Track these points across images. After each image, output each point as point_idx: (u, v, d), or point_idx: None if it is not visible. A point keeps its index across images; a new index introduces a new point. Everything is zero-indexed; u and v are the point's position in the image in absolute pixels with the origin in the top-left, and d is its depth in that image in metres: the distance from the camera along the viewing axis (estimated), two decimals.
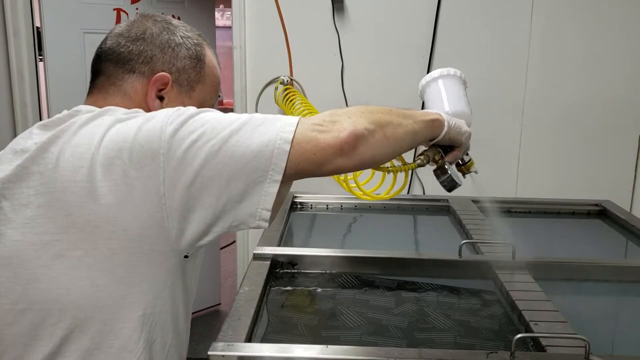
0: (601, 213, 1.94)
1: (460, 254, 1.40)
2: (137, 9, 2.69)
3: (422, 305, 1.28)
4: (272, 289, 1.32)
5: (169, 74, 0.92)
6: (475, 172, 1.20)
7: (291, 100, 2.14)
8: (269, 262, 1.39)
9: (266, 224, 0.80)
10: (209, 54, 0.98)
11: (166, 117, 0.78)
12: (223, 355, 0.96)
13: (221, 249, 3.48)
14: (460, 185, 1.10)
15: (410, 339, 1.11)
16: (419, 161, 1.05)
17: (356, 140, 0.80)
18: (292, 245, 1.61)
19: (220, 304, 3.37)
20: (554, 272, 1.39)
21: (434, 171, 1.08)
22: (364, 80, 2.40)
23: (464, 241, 1.44)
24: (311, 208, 1.96)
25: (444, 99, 1.24)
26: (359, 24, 2.36)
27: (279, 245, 1.52)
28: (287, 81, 2.36)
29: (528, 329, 1.09)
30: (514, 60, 2.37)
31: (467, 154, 1.18)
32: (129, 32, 0.93)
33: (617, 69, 2.37)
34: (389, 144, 0.87)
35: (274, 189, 0.77)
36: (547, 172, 2.45)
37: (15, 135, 2.47)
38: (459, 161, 1.17)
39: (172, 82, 0.92)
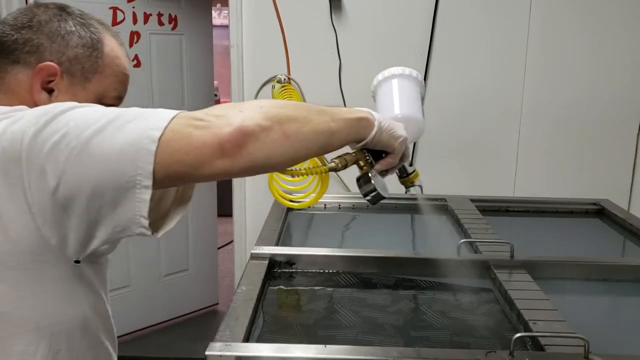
0: (599, 212, 1.94)
1: (458, 253, 1.40)
2: (133, 7, 2.68)
3: (420, 304, 1.28)
4: (270, 288, 1.32)
5: (58, 63, 0.83)
6: (420, 185, 1.05)
7: (287, 98, 2.14)
8: (266, 262, 1.38)
9: (149, 233, 0.72)
10: (110, 43, 0.90)
11: (31, 118, 0.70)
12: (221, 356, 0.95)
13: (219, 248, 3.47)
14: (385, 198, 0.91)
15: (408, 338, 1.11)
16: (332, 164, 0.87)
17: (243, 137, 0.67)
18: (289, 245, 1.61)
19: (217, 303, 3.36)
20: (552, 271, 1.39)
21: (357, 179, 0.91)
22: (361, 79, 2.39)
23: (462, 240, 1.43)
24: (309, 207, 1.95)
25: (395, 100, 1.12)
26: (357, 22, 2.35)
27: (276, 244, 1.51)
28: (285, 80, 2.35)
29: (527, 328, 1.09)
30: (512, 59, 2.37)
31: (411, 164, 1.02)
32: (15, 20, 0.84)
33: (615, 68, 2.37)
34: (290, 144, 0.72)
35: (146, 195, 0.68)
36: (545, 171, 2.45)
37: None
38: (399, 172, 1.02)
39: (63, 73, 0.84)
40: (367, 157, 0.89)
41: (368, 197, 0.91)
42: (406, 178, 1.02)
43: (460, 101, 2.40)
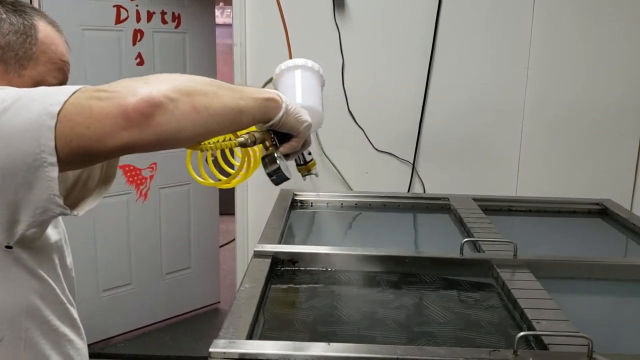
0: (602, 212, 1.94)
1: (461, 252, 1.40)
2: (137, 5, 2.68)
3: (423, 303, 1.27)
4: (273, 286, 1.32)
5: None
6: (316, 174, 1.07)
7: None
8: (269, 260, 1.38)
9: (68, 211, 0.71)
10: (45, 30, 0.89)
11: None
12: (224, 352, 0.95)
13: (220, 247, 3.47)
14: (289, 179, 0.93)
15: (411, 337, 1.11)
16: (241, 139, 0.86)
17: (150, 108, 0.65)
18: (292, 243, 1.61)
19: (219, 302, 3.37)
20: (555, 270, 1.39)
21: (262, 159, 0.92)
22: (364, 77, 2.39)
23: (465, 239, 1.43)
24: (311, 206, 1.95)
25: (298, 89, 1.10)
26: (360, 22, 2.35)
27: (279, 242, 1.51)
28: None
29: (530, 327, 1.09)
30: (514, 60, 2.37)
31: (310, 153, 1.03)
32: None
33: (617, 68, 2.37)
34: (200, 117, 0.71)
35: (54, 173, 0.66)
36: (548, 171, 2.45)
37: None
38: (299, 159, 1.04)
39: None
40: (273, 139, 0.91)
41: (273, 177, 0.92)
42: (304, 166, 1.05)
43: (462, 101, 2.40)
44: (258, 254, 1.41)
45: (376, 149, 2.43)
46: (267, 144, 0.91)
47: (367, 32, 2.36)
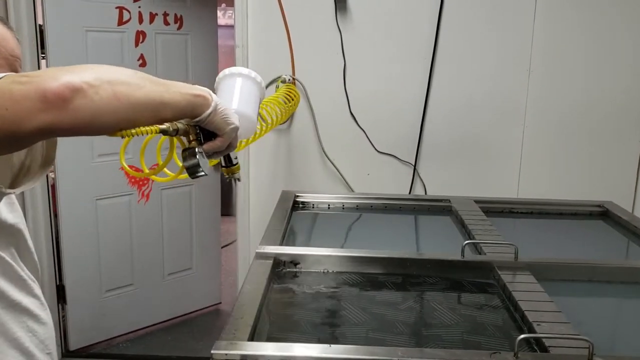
0: (603, 214, 1.94)
1: (462, 254, 1.40)
2: (139, 7, 2.69)
3: (423, 305, 1.28)
4: (275, 287, 1.32)
5: None
6: (239, 179, 1.07)
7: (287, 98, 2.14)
8: (271, 261, 1.38)
9: (3, 189, 0.76)
10: None
11: None
12: (226, 354, 0.96)
13: (222, 247, 3.48)
14: (205, 175, 0.94)
15: (412, 338, 1.11)
16: (163, 126, 0.85)
17: (69, 92, 0.66)
18: (294, 245, 1.61)
19: (220, 302, 3.37)
20: (556, 273, 1.39)
21: (183, 151, 0.93)
22: (366, 79, 2.40)
23: (466, 241, 1.44)
24: (313, 207, 1.96)
25: (235, 95, 1.13)
26: (361, 23, 2.35)
27: (281, 244, 1.51)
28: (289, 80, 2.36)
29: (531, 330, 1.09)
30: (516, 61, 2.37)
31: (236, 157, 1.05)
32: None
33: (619, 70, 2.37)
34: (120, 105, 0.72)
35: None
36: (549, 173, 2.45)
37: None
38: (223, 160, 1.05)
39: None
40: (198, 133, 0.91)
41: (189, 170, 0.93)
42: (228, 168, 1.05)
43: (464, 102, 2.40)
44: (260, 256, 1.41)
45: (377, 151, 2.43)
46: (191, 137, 0.91)
47: (368, 34, 2.37)
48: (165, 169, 1.08)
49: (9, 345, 0.91)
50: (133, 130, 0.80)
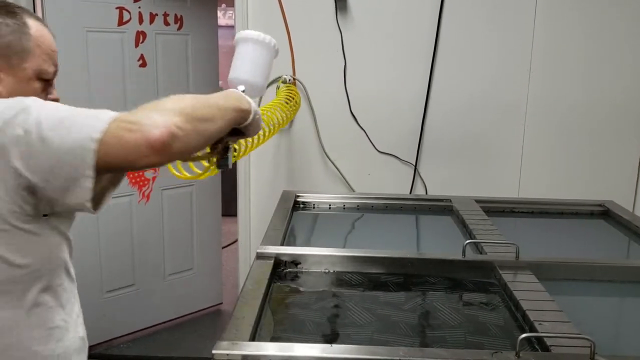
0: (604, 213, 1.94)
1: (464, 254, 1.40)
2: (139, 7, 2.69)
3: (425, 305, 1.28)
4: (276, 287, 1.32)
5: (2, 54, 0.96)
6: (229, 166, 1.15)
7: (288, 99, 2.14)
8: (272, 261, 1.38)
9: (92, 212, 0.89)
10: (34, 25, 1.01)
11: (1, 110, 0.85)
12: (228, 354, 0.96)
13: (223, 248, 3.48)
14: (230, 168, 1.10)
15: (412, 338, 1.11)
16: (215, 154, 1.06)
17: (169, 139, 0.83)
18: (295, 245, 1.61)
19: (221, 303, 3.37)
20: (557, 272, 1.39)
21: (214, 145, 1.05)
22: (366, 79, 2.40)
23: (467, 241, 1.44)
24: (314, 208, 1.96)
25: (248, 65, 1.26)
26: (362, 23, 2.35)
27: (282, 244, 1.51)
28: (290, 80, 2.36)
29: (532, 329, 1.09)
30: (517, 60, 2.37)
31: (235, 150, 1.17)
32: None
33: (619, 70, 2.37)
34: (201, 140, 0.91)
35: (89, 184, 0.84)
36: (550, 173, 2.45)
37: None
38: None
39: (1, 61, 0.97)
40: (232, 139, 1.07)
41: (221, 163, 1.08)
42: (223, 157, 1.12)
43: (465, 102, 2.40)
44: (260, 256, 1.41)
45: (378, 151, 2.43)
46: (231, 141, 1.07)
47: (369, 34, 2.37)
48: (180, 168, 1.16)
49: (79, 314, 1.10)
50: (200, 155, 1.03)
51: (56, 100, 1.02)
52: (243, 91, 1.20)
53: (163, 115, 0.85)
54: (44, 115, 0.84)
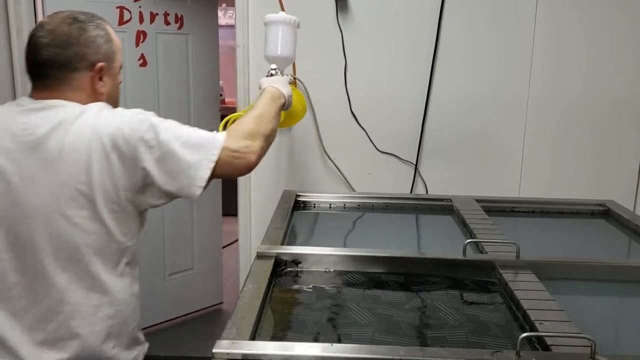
0: (605, 213, 1.94)
1: (464, 254, 1.40)
2: (140, 7, 2.69)
3: (425, 304, 1.28)
4: (276, 287, 1.32)
5: (102, 60, 1.20)
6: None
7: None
8: (272, 261, 1.38)
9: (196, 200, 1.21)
10: (110, 31, 1.24)
11: (134, 122, 1.13)
12: (228, 353, 0.95)
13: (223, 247, 3.48)
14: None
15: (413, 338, 1.11)
16: None
17: (259, 160, 1.24)
18: (295, 244, 1.61)
19: (222, 302, 3.37)
20: (558, 271, 1.39)
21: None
22: (366, 78, 2.40)
23: (468, 240, 1.44)
24: (314, 207, 1.96)
25: (277, 43, 1.64)
26: (363, 22, 2.35)
27: (282, 244, 1.51)
28: (290, 80, 2.35)
29: (533, 329, 1.09)
30: (517, 59, 2.36)
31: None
32: (54, 40, 1.15)
33: (620, 69, 2.36)
34: (268, 147, 1.30)
35: (199, 192, 1.17)
36: (551, 172, 2.45)
37: None
38: None
39: (104, 65, 1.21)
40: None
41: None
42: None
43: (465, 101, 2.40)
44: (261, 255, 1.41)
45: (379, 150, 2.43)
46: None
47: (369, 33, 2.37)
48: None
49: None
50: None
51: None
52: (274, 69, 1.62)
53: (254, 141, 1.22)
54: (170, 133, 1.14)
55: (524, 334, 0.97)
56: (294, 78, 2.34)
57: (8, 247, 1.14)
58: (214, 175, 1.15)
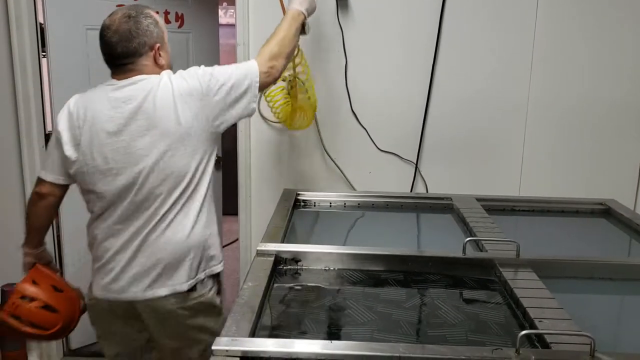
0: (605, 212, 1.93)
1: (464, 252, 1.40)
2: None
3: (425, 302, 1.28)
4: (276, 284, 1.32)
5: (157, 42, 1.55)
6: (307, 33, 1.85)
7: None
8: (272, 259, 1.38)
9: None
10: (155, 15, 1.58)
11: (199, 75, 1.54)
12: (227, 350, 0.96)
13: (224, 247, 3.47)
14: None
15: (413, 336, 1.11)
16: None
17: (281, 74, 1.70)
18: (295, 242, 1.61)
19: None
20: (558, 270, 1.39)
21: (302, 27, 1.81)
22: (367, 77, 2.39)
23: (467, 239, 1.43)
24: (314, 206, 1.96)
25: None
26: (363, 20, 2.35)
27: (282, 242, 1.51)
28: (290, 80, 2.35)
29: (533, 326, 1.09)
30: (518, 59, 2.36)
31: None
32: (121, 38, 1.51)
33: (621, 68, 2.36)
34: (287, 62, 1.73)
35: (255, 106, 1.61)
36: (551, 171, 2.44)
37: (18, 130, 2.47)
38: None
39: (161, 45, 1.57)
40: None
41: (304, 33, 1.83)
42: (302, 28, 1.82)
43: (466, 100, 2.39)
44: (261, 253, 1.41)
45: (379, 149, 2.43)
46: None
47: (370, 32, 2.36)
48: None
49: None
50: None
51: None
52: None
53: (277, 61, 1.65)
54: (224, 74, 1.55)
55: (524, 332, 0.97)
56: (294, 77, 2.33)
57: (126, 190, 1.49)
58: (258, 91, 1.60)
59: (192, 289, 1.54)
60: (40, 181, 1.59)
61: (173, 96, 1.47)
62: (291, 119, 2.23)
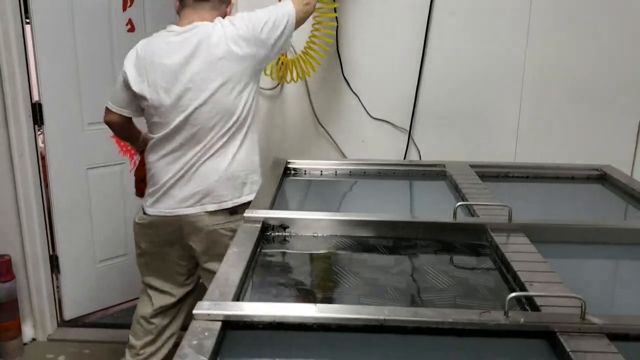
0: (601, 178, 1.90)
1: (454, 217, 1.37)
2: None
3: (415, 267, 1.25)
4: (263, 250, 1.29)
5: (232, 3, 1.88)
6: None
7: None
8: (259, 225, 1.35)
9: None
10: None
11: (248, 19, 1.76)
12: (209, 314, 0.93)
13: None
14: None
15: (400, 301, 1.09)
16: None
17: (314, 9, 1.91)
18: (284, 209, 1.58)
19: None
20: (551, 234, 1.36)
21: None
22: (360, 42, 2.33)
23: (458, 203, 1.40)
24: (305, 174, 1.92)
25: None
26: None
27: (270, 208, 1.48)
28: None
29: (523, 290, 1.07)
30: (513, 27, 2.30)
31: None
32: None
33: (618, 35, 2.30)
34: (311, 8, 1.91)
35: (291, 40, 1.85)
36: (547, 139, 2.40)
37: (4, 101, 2.41)
38: None
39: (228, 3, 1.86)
40: None
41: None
42: None
43: (460, 67, 2.34)
44: (248, 219, 1.38)
45: (372, 117, 2.38)
46: None
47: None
48: None
49: None
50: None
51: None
52: None
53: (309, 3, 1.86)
54: (268, 15, 1.78)
55: (512, 294, 0.94)
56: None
57: (184, 122, 1.72)
58: (296, 23, 1.83)
59: (235, 211, 1.76)
60: (107, 110, 1.87)
61: (225, 38, 1.70)
62: (279, 72, 2.23)
